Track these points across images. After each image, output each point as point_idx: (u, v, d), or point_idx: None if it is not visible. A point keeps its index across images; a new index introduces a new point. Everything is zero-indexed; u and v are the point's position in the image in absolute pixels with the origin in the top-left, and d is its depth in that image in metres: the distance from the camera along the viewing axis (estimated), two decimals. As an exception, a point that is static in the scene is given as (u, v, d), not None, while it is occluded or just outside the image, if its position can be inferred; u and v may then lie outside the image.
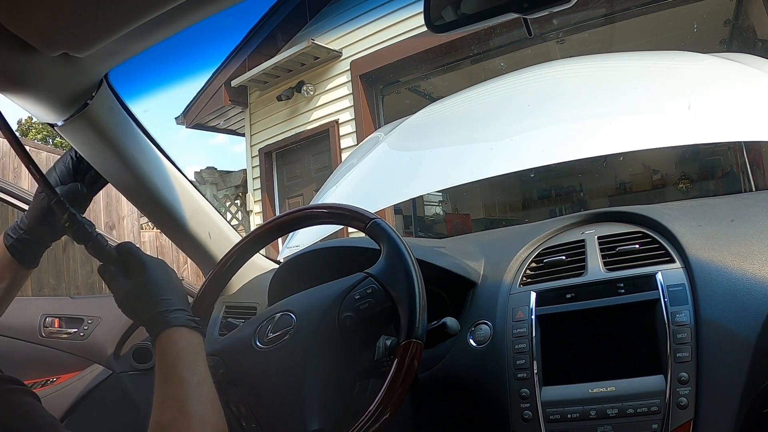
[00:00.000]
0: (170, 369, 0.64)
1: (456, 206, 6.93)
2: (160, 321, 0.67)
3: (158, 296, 0.69)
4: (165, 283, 0.71)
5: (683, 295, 0.81)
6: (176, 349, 0.65)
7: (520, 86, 1.88)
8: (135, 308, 0.71)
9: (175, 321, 0.67)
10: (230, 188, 7.27)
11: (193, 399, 0.61)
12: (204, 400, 0.62)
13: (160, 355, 0.65)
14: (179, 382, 0.63)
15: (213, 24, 0.73)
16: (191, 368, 0.64)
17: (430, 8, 0.68)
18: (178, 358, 0.65)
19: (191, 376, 0.63)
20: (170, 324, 0.67)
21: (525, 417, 0.84)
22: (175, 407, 0.61)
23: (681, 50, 1.92)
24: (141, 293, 0.70)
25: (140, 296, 0.70)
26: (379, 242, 0.82)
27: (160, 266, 0.73)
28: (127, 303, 0.72)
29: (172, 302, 0.69)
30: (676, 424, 0.76)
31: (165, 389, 0.62)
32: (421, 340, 0.73)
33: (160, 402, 0.61)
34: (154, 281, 0.70)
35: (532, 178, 7.13)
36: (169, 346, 0.66)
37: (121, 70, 0.85)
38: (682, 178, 6.14)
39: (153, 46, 0.76)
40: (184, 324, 0.67)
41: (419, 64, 5.20)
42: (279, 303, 0.89)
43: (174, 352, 0.65)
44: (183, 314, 0.68)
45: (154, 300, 0.69)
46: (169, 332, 0.67)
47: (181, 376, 0.63)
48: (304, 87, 5.73)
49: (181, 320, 0.68)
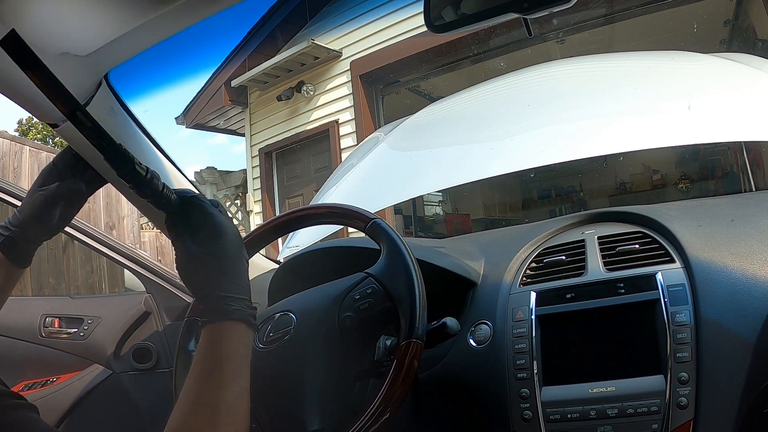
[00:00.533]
0: (215, 369, 0.56)
1: (456, 206, 6.93)
2: (218, 307, 0.58)
3: (225, 276, 0.59)
4: (236, 262, 0.60)
5: (683, 295, 0.81)
6: (228, 347, 0.57)
7: (520, 86, 1.88)
8: (195, 279, 0.61)
9: (235, 314, 0.58)
10: (230, 188, 7.27)
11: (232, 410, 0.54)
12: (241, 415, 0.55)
13: (206, 347, 0.57)
14: (221, 386, 0.55)
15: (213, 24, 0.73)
16: (237, 373, 0.56)
17: (430, 8, 0.68)
18: (227, 359, 0.56)
19: (235, 382, 0.56)
20: (229, 316, 0.58)
21: (525, 417, 0.84)
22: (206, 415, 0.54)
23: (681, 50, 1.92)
24: (207, 265, 0.59)
25: (205, 268, 0.60)
26: (379, 242, 0.82)
27: (237, 239, 0.62)
28: (188, 270, 0.61)
29: (237, 287, 0.59)
30: (676, 424, 0.76)
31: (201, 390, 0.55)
32: (421, 340, 0.73)
33: (190, 401, 0.54)
34: (226, 256, 0.60)
35: (532, 178, 7.13)
36: (221, 342, 0.57)
37: (121, 70, 0.85)
38: (682, 178, 6.14)
39: (153, 46, 0.76)
40: (244, 319, 0.58)
41: (419, 64, 5.20)
42: (279, 303, 0.89)
43: (224, 350, 0.57)
44: (245, 306, 0.59)
45: (220, 279, 0.59)
46: (224, 324, 0.58)
47: (225, 380, 0.55)
48: (304, 87, 5.73)
49: (242, 314, 0.58)
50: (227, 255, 0.60)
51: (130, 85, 0.98)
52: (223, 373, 0.56)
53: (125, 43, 0.72)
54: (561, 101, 1.60)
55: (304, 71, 5.77)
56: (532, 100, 1.70)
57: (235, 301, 0.58)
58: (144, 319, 1.45)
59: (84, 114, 0.54)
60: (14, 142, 4.28)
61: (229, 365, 0.56)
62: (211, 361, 0.56)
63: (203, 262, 0.60)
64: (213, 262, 0.60)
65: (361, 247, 1.02)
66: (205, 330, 0.58)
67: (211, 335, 0.57)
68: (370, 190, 1.70)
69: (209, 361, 0.56)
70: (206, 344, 0.57)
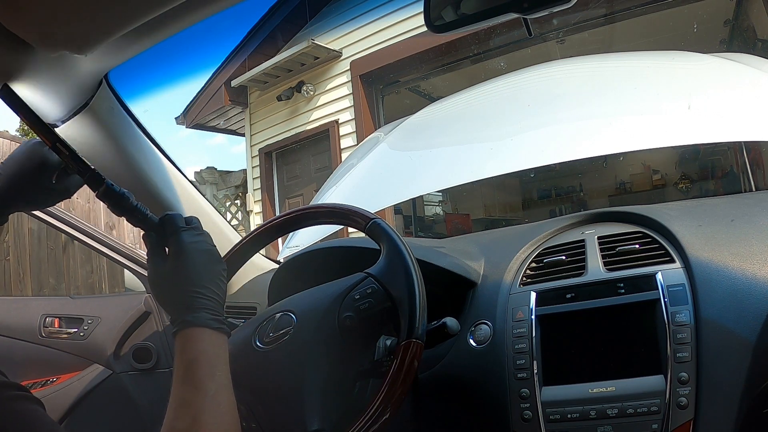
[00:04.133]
0: (188, 372, 0.60)
1: (456, 206, 6.93)
2: (182, 317, 0.63)
3: (189, 288, 0.64)
4: (201, 275, 0.65)
5: (683, 295, 0.81)
6: (195, 351, 0.62)
7: (520, 86, 1.88)
8: (162, 293, 0.67)
9: (197, 320, 0.63)
10: (230, 188, 7.27)
11: (210, 408, 0.58)
12: (221, 410, 0.59)
13: (178, 354, 0.62)
14: (197, 387, 0.59)
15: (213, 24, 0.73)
16: (210, 373, 0.61)
17: (430, 8, 0.68)
18: (196, 362, 0.61)
19: (209, 382, 0.60)
20: (192, 323, 0.63)
21: (525, 417, 0.84)
22: (190, 415, 0.58)
23: (681, 50, 1.92)
24: (172, 279, 0.65)
25: (171, 282, 0.65)
26: (378, 242, 0.82)
27: (202, 254, 0.67)
28: (156, 285, 0.67)
29: (201, 299, 0.64)
30: (676, 424, 0.76)
31: (182, 392, 0.59)
32: (421, 340, 0.73)
33: (175, 405, 0.59)
34: (189, 270, 0.65)
35: (532, 178, 7.13)
36: (188, 347, 0.62)
37: (121, 70, 0.85)
38: (682, 178, 6.14)
39: (153, 46, 0.76)
40: (206, 325, 0.63)
41: (419, 64, 5.20)
42: (279, 303, 0.89)
43: (193, 354, 0.61)
44: (208, 313, 0.64)
45: (184, 291, 0.64)
46: (189, 331, 0.62)
47: (199, 381, 0.60)
48: (304, 87, 5.73)
49: (203, 320, 0.63)
50: (190, 269, 0.65)
51: (130, 85, 0.98)
52: (196, 375, 0.60)
53: (125, 43, 0.73)
54: (561, 101, 1.60)
55: (304, 71, 5.77)
56: (532, 100, 1.70)
57: (197, 310, 0.63)
58: (144, 319, 1.45)
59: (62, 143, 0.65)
60: (14, 142, 4.28)
61: (199, 368, 0.61)
62: (183, 367, 0.61)
63: (168, 277, 0.66)
64: (176, 277, 0.65)
65: (361, 247, 1.02)
66: (175, 339, 0.63)
67: (180, 342, 0.63)
68: (370, 190, 1.70)
69: (182, 365, 0.61)
70: (177, 351, 0.62)
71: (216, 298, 0.66)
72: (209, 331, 0.63)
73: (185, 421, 0.57)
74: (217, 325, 0.64)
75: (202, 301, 0.64)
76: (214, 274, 0.67)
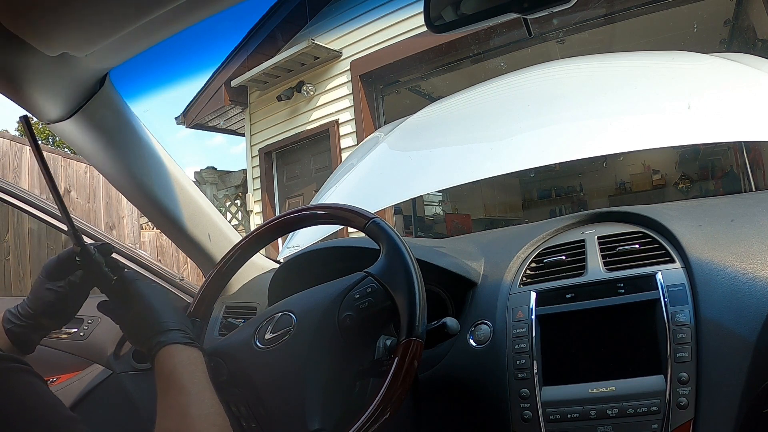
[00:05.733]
0: (169, 382, 0.66)
1: (456, 206, 6.93)
2: (156, 339, 0.70)
3: (155, 320, 0.73)
4: (160, 307, 0.74)
5: (683, 295, 0.81)
6: (172, 364, 0.68)
7: (520, 86, 1.88)
8: (136, 336, 0.75)
9: (169, 339, 0.70)
10: (230, 188, 7.27)
11: (195, 404, 0.63)
12: (206, 405, 0.64)
13: (158, 374, 0.68)
14: (179, 391, 0.65)
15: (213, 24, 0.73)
16: (189, 378, 0.67)
17: (430, 8, 0.68)
18: (174, 372, 0.67)
19: (190, 385, 0.66)
20: (164, 344, 0.70)
21: (525, 417, 0.84)
22: (178, 412, 0.62)
23: (681, 50, 1.92)
24: (139, 321, 0.74)
25: (139, 324, 0.74)
26: (378, 242, 0.82)
27: (154, 290, 0.77)
28: (130, 333, 0.77)
29: (167, 323, 0.72)
30: (676, 424, 0.76)
31: (167, 401, 0.64)
32: (421, 339, 0.72)
33: (163, 413, 0.63)
34: (150, 307, 0.74)
35: (532, 178, 7.14)
36: (165, 363, 0.68)
37: (121, 69, 0.85)
38: (682, 178, 6.15)
39: (153, 46, 0.76)
40: (178, 341, 0.71)
41: (419, 64, 5.19)
42: (279, 303, 0.89)
43: (170, 367, 0.68)
44: (177, 333, 0.72)
45: (151, 325, 0.72)
46: (164, 350, 0.70)
47: (181, 385, 0.65)
48: (304, 87, 5.73)
49: (174, 338, 0.71)
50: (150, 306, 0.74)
51: (130, 85, 0.98)
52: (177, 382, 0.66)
53: (125, 43, 0.73)
54: (561, 101, 1.60)
55: (304, 71, 5.77)
56: (532, 100, 1.70)
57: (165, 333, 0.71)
58: (144, 319, 1.44)
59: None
60: (14, 142, 4.28)
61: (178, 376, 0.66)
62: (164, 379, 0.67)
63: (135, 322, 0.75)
64: (141, 317, 0.74)
65: (361, 247, 1.02)
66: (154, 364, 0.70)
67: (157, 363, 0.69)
68: (370, 190, 1.70)
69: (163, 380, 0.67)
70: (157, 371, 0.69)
71: (181, 324, 0.74)
72: (182, 347, 0.71)
73: (174, 419, 0.62)
74: (188, 341, 0.72)
75: (170, 324, 0.73)
76: (170, 301, 0.77)
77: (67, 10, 0.61)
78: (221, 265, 0.97)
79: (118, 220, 5.05)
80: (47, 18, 0.62)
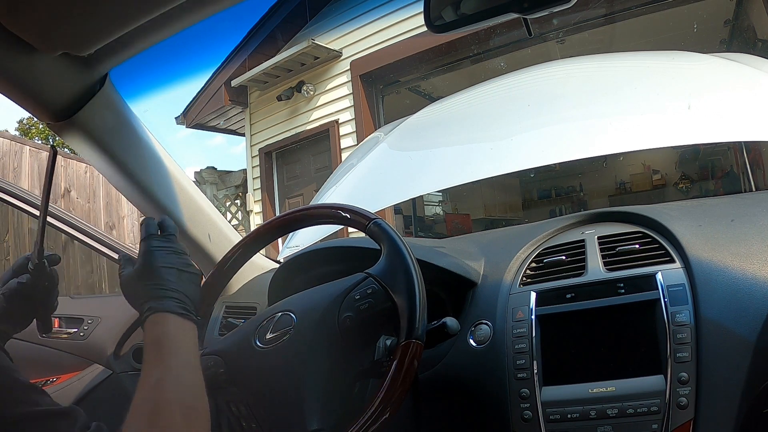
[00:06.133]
0: (149, 353, 0.63)
1: (456, 206, 6.93)
2: (148, 305, 0.67)
3: (155, 282, 0.68)
4: (167, 272, 0.70)
5: (683, 295, 0.81)
6: (157, 333, 0.64)
7: (521, 86, 1.88)
8: (131, 292, 0.71)
9: (162, 306, 0.66)
10: (230, 188, 7.27)
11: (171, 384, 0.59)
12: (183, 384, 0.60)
13: (145, 341, 0.64)
14: (157, 365, 0.61)
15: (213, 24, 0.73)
16: (172, 352, 0.63)
17: (430, 8, 0.68)
18: (158, 342, 0.63)
19: (171, 360, 0.62)
20: (156, 309, 0.66)
21: (525, 417, 0.84)
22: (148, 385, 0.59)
23: (681, 50, 1.92)
24: (140, 277, 0.70)
25: (138, 280, 0.70)
26: (379, 242, 0.82)
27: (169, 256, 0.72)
28: (126, 286, 0.72)
29: (166, 290, 0.68)
30: (676, 424, 0.76)
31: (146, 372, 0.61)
32: (421, 340, 0.72)
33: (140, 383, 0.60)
34: (155, 268, 0.69)
35: (532, 178, 7.14)
36: (151, 331, 0.65)
37: (121, 69, 0.85)
38: (682, 178, 6.15)
39: (153, 46, 0.76)
40: (171, 310, 0.66)
41: (419, 64, 5.19)
42: (279, 303, 0.89)
43: (156, 335, 0.64)
44: (172, 302, 0.67)
45: (150, 286, 0.68)
46: (154, 316, 0.66)
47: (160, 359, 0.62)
48: (304, 87, 5.73)
49: (168, 306, 0.66)
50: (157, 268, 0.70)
51: (130, 85, 0.98)
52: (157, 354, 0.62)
53: (126, 42, 0.73)
54: (561, 101, 1.60)
55: (304, 71, 5.77)
56: (532, 100, 1.70)
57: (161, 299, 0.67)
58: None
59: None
60: (14, 142, 4.28)
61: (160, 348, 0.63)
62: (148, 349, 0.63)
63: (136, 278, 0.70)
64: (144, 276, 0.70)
65: (361, 247, 1.02)
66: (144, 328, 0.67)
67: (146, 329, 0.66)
68: (370, 190, 1.70)
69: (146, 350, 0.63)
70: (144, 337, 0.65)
71: (182, 293, 0.69)
72: (173, 316, 0.66)
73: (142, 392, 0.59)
74: (181, 311, 0.67)
75: (167, 292, 0.68)
76: (180, 274, 0.71)
77: (67, 10, 0.61)
78: (221, 264, 0.97)
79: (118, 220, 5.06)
80: (47, 18, 0.62)
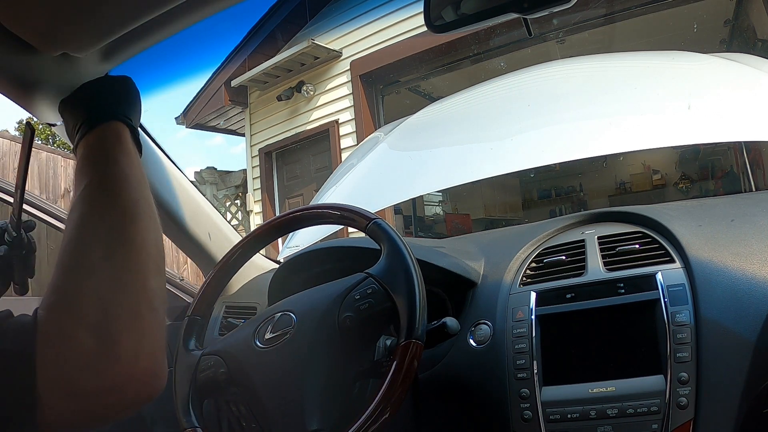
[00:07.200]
0: (76, 175, 0.53)
1: (456, 206, 6.93)
2: (80, 126, 0.58)
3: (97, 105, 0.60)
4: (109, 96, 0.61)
5: (683, 295, 0.81)
6: (86, 148, 0.55)
7: (521, 86, 1.88)
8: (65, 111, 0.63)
9: (100, 119, 0.57)
10: (230, 188, 7.27)
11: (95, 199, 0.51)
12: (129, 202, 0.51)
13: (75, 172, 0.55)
14: (78, 183, 0.52)
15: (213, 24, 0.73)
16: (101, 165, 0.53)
17: (430, 8, 0.68)
18: (85, 159, 0.54)
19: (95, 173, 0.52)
20: (94, 125, 0.57)
21: (525, 417, 0.84)
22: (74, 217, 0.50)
23: (681, 50, 1.92)
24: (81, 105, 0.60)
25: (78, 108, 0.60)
26: (379, 242, 0.82)
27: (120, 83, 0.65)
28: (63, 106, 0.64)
29: (110, 108, 0.59)
30: (676, 424, 0.76)
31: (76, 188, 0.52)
32: (420, 340, 0.73)
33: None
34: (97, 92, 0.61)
35: (532, 178, 7.14)
36: (81, 148, 0.56)
37: (121, 69, 0.85)
38: (682, 178, 6.15)
39: (153, 46, 0.76)
40: (117, 119, 0.57)
41: (419, 64, 5.20)
42: (279, 303, 0.89)
43: (83, 152, 0.55)
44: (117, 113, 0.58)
45: (90, 108, 0.59)
46: (88, 137, 0.58)
47: (84, 174, 0.53)
48: (304, 87, 5.73)
49: (112, 115, 0.57)
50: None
51: (130, 85, 0.98)
52: (82, 172, 0.54)
53: (125, 43, 0.73)
54: (561, 101, 1.60)
55: (304, 71, 5.77)
56: (532, 100, 1.70)
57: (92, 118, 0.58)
58: (144, 319, 1.44)
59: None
60: (14, 142, 4.28)
61: (87, 163, 0.55)
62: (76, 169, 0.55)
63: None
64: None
65: (361, 247, 1.02)
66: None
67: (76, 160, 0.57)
68: (370, 190, 1.70)
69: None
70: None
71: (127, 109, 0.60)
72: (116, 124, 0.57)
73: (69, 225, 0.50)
74: (123, 119, 0.59)
75: (112, 109, 0.59)
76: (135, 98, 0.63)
77: (66, 10, 0.61)
78: (221, 265, 0.97)
79: (118, 220, 5.04)
80: (47, 18, 0.62)
